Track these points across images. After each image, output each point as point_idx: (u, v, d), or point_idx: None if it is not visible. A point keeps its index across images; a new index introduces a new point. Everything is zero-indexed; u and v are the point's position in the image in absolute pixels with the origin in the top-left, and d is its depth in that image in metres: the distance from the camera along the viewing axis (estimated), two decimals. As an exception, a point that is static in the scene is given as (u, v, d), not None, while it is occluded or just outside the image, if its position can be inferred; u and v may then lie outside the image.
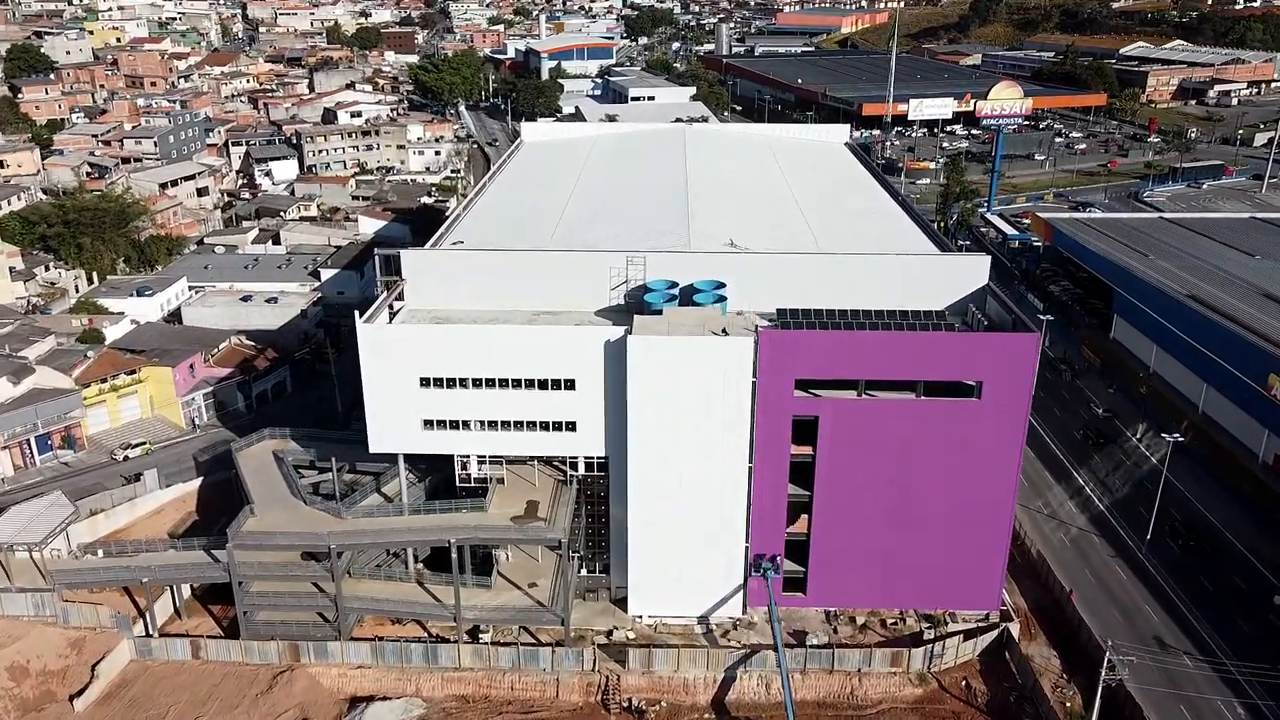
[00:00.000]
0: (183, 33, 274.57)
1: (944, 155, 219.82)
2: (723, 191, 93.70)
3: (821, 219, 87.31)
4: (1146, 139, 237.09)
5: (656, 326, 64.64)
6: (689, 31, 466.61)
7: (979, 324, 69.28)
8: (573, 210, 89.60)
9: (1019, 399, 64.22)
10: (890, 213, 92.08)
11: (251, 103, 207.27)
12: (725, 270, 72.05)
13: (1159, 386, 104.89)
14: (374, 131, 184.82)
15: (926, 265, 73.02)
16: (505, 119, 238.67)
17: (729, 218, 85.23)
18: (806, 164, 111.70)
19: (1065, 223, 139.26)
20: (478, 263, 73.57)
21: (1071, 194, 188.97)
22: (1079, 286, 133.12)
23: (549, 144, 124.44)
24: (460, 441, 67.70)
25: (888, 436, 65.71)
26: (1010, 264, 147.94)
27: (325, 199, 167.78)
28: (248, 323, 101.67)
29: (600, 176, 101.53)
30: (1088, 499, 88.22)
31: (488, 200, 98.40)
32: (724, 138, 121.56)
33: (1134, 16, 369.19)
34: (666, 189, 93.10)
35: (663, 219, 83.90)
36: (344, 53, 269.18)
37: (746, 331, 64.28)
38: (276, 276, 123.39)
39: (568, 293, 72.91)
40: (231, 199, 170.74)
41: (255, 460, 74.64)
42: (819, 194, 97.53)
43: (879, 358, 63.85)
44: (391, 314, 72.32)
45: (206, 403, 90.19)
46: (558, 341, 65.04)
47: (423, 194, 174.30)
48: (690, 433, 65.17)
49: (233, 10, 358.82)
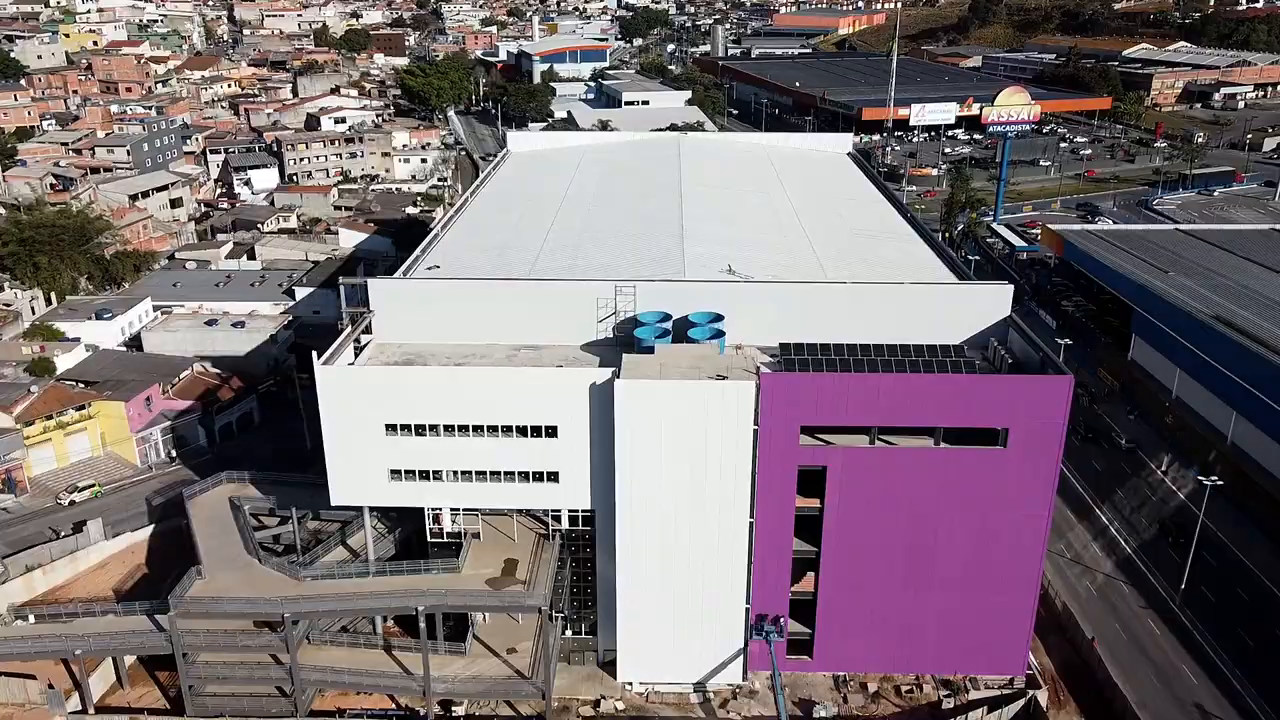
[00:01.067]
0: (163, 36, 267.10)
1: (946, 161, 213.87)
2: (720, 209, 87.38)
3: (827, 240, 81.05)
4: (1153, 144, 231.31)
5: (647, 368, 58.32)
6: (684, 33, 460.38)
7: (1001, 361, 63.15)
8: (559, 230, 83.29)
9: (1049, 447, 57.99)
10: (900, 232, 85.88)
11: (232, 108, 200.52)
12: (723, 301, 65.83)
13: (1182, 413, 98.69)
14: (358, 138, 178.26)
15: (943, 296, 66.81)
16: (496, 124, 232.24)
17: (727, 239, 78.94)
18: (809, 177, 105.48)
19: (1077, 235, 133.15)
20: (453, 293, 67.24)
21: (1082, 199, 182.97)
22: (1092, 302, 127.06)
23: (536, 155, 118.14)
24: (431, 493, 61.32)
25: (903, 487, 59.44)
26: (1020, 278, 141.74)
27: (306, 209, 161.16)
28: (213, 348, 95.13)
29: (589, 192, 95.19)
30: (1113, 540, 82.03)
31: (469, 218, 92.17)
32: (720, 147, 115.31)
33: (1136, 18, 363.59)
34: (659, 206, 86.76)
35: (655, 241, 77.60)
36: (330, 56, 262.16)
37: (747, 374, 57.95)
38: (249, 295, 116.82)
39: (552, 325, 66.71)
40: (209, 209, 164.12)
41: (209, 509, 68.15)
42: (823, 211, 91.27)
43: (894, 402, 57.57)
44: (358, 349, 66.03)
45: (164, 439, 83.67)
46: (538, 385, 58.66)
47: (408, 204, 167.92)
48: (685, 484, 58.86)
49: (218, 12, 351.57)
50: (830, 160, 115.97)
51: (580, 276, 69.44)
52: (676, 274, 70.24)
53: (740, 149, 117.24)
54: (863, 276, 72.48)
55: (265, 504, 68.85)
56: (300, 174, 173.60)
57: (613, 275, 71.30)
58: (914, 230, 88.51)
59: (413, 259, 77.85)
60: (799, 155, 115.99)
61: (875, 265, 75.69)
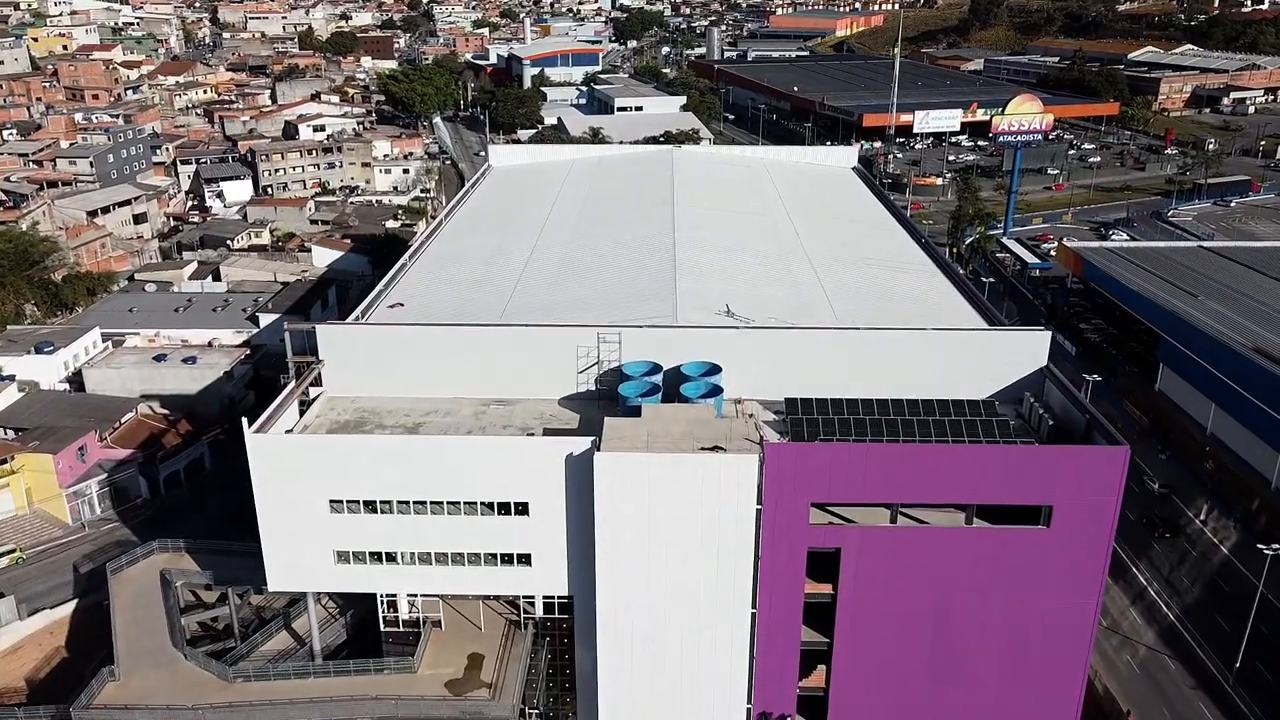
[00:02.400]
0: (138, 39, 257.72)
1: (951, 169, 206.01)
2: (716, 234, 79.26)
3: (835, 272, 73.01)
4: (1163, 150, 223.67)
5: (632, 436, 50.16)
6: (679, 35, 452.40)
7: (1039, 420, 55.14)
8: (539, 259, 75.18)
9: (1100, 528, 49.93)
10: (915, 261, 77.88)
11: (207, 116, 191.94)
12: (720, 348, 57.79)
13: (1219, 453, 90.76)
14: (336, 148, 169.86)
15: (972, 343, 58.73)
16: (484, 131, 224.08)
17: (724, 270, 70.84)
18: (812, 195, 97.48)
19: (1096, 254, 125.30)
20: (413, 340, 59.03)
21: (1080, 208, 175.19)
22: (1114, 325, 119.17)
23: (519, 170, 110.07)
24: (384, 578, 53.14)
25: (929, 571, 51.36)
26: (1034, 298, 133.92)
27: (280, 223, 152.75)
28: (161, 386, 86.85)
29: (573, 213, 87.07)
30: (1152, 605, 74.07)
31: (442, 243, 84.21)
32: (717, 163, 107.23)
33: (1140, 20, 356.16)
34: (650, 231, 78.63)
35: (644, 273, 69.48)
36: (312, 60, 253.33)
37: (748, 443, 49.82)
38: (211, 321, 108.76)
39: (526, 376, 58.63)
40: (178, 224, 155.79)
41: (135, 586, 59.92)
42: (829, 236, 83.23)
43: (920, 477, 49.47)
44: (305, 404, 57.88)
45: (100, 492, 75.39)
46: (506, 456, 50.48)
47: (388, 217, 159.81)
48: (676, 568, 50.73)
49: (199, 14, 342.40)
50: (834, 176, 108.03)
51: (559, 320, 61.25)
52: (668, 314, 62.18)
53: (737, 163, 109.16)
54: (878, 316, 64.41)
55: (202, 579, 60.61)
56: (275, 186, 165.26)
57: (597, 313, 63.46)
58: (929, 258, 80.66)
59: (376, 293, 69.81)
60: (801, 170, 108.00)
61: (891, 302, 67.68)
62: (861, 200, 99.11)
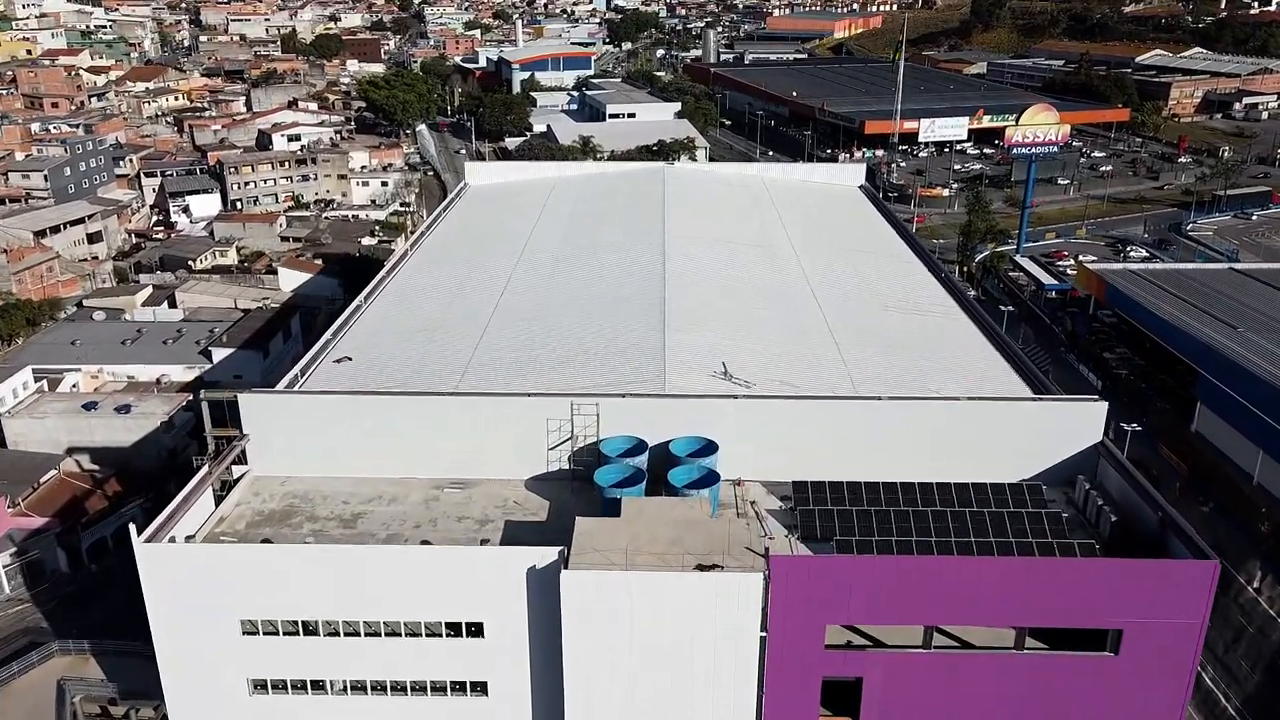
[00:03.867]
0: (108, 43, 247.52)
1: (957, 179, 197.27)
2: (712, 271, 70.28)
3: (846, 316, 64.10)
4: (1176, 159, 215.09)
5: (608, 542, 41.13)
6: (674, 36, 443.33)
7: (1096, 511, 46.28)
8: (510, 302, 66.19)
9: (1180, 657, 41.04)
10: (936, 301, 68.97)
11: (176, 124, 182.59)
12: (716, 420, 48.91)
13: (1267, 505, 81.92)
14: (310, 159, 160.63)
15: (1014, 416, 49.75)
16: (470, 139, 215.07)
17: (721, 317, 61.87)
18: (818, 221, 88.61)
19: (1120, 277, 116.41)
20: (353, 411, 50.02)
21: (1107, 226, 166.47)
22: (1140, 354, 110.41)
23: (498, 191, 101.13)
24: (311, 711, 44.06)
25: (970, 705, 42.46)
26: (1051, 322, 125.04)
27: (249, 241, 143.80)
28: (90, 438, 77.67)
29: (552, 243, 78.06)
30: (1208, 694, 65.22)
31: (408, 275, 75.50)
32: (712, 183, 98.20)
33: (1147, 22, 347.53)
34: (637, 268, 69.64)
35: (629, 321, 60.45)
36: (292, 64, 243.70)
37: (750, 554, 40.83)
38: (161, 355, 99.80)
39: (488, 453, 49.72)
40: (141, 241, 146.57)
41: (29, 700, 50.82)
42: (839, 271, 74.34)
43: (960, 595, 40.53)
44: (226, 487, 48.87)
45: (9, 568, 66.24)
46: (456, 568, 41.44)
47: (365, 233, 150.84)
48: (661, 704, 41.77)
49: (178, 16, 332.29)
50: (841, 197, 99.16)
51: (528, 382, 52.38)
52: (654, 376, 53.22)
53: (735, 183, 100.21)
54: (898, 374, 55.61)
55: (105, 691, 51.53)
56: (245, 200, 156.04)
57: (572, 373, 54.67)
58: (949, 294, 71.84)
59: (321, 344, 60.91)
60: (804, 191, 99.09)
61: (912, 355, 58.75)
62: (871, 225, 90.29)
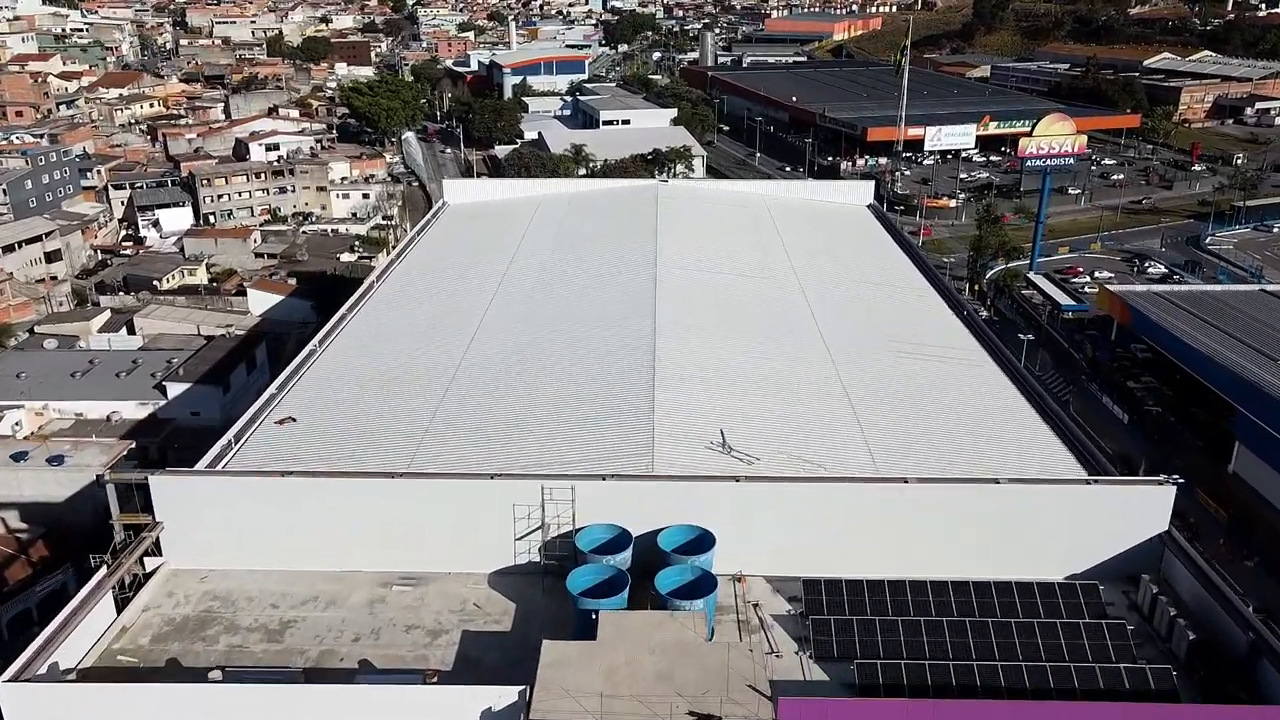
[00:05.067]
0: (83, 47, 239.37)
1: (964, 188, 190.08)
2: (709, 312, 62.78)
3: (861, 367, 56.63)
4: (1189, 166, 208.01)
5: (579, 678, 33.55)
6: (672, 38, 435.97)
7: (1166, 621, 38.84)
8: (481, 347, 58.68)
9: (1281, 818, 33.66)
10: (960, 346, 61.54)
11: (149, 133, 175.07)
12: (714, 505, 41.53)
13: (1319, 562, 74.65)
14: (288, 171, 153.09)
15: (1063, 500, 42.32)
16: (458, 147, 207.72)
17: (718, 372, 54.36)
18: (825, 249, 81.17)
19: (1145, 300, 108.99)
20: (285, 494, 42.52)
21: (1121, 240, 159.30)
22: (1168, 384, 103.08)
23: (478, 211, 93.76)
24: None
25: None
26: (1069, 346, 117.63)
27: (221, 258, 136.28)
28: (19, 493, 69.93)
29: (530, 276, 70.54)
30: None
31: (371, 312, 68.02)
32: (709, 205, 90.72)
33: (1154, 24, 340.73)
34: (624, 309, 62.15)
35: (614, 379, 52.96)
36: (274, 69, 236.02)
37: (755, 695, 33.34)
38: (113, 388, 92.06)
39: (444, 542, 42.28)
40: (108, 258, 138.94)
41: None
42: (851, 310, 66.93)
43: (1013, 744, 33.13)
44: (134, 585, 41.41)
45: (-84, 649, 58.57)
46: (395, 712, 33.91)
47: (344, 248, 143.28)
48: None
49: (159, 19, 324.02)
50: (848, 218, 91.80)
51: (492, 463, 44.90)
52: (641, 446, 45.74)
53: (734, 204, 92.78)
54: (924, 444, 48.15)
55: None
56: (219, 213, 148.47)
57: (544, 442, 47.22)
58: (973, 334, 64.51)
59: (263, 401, 53.43)
60: (809, 212, 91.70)
61: (939, 416, 51.28)
62: (882, 250, 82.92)
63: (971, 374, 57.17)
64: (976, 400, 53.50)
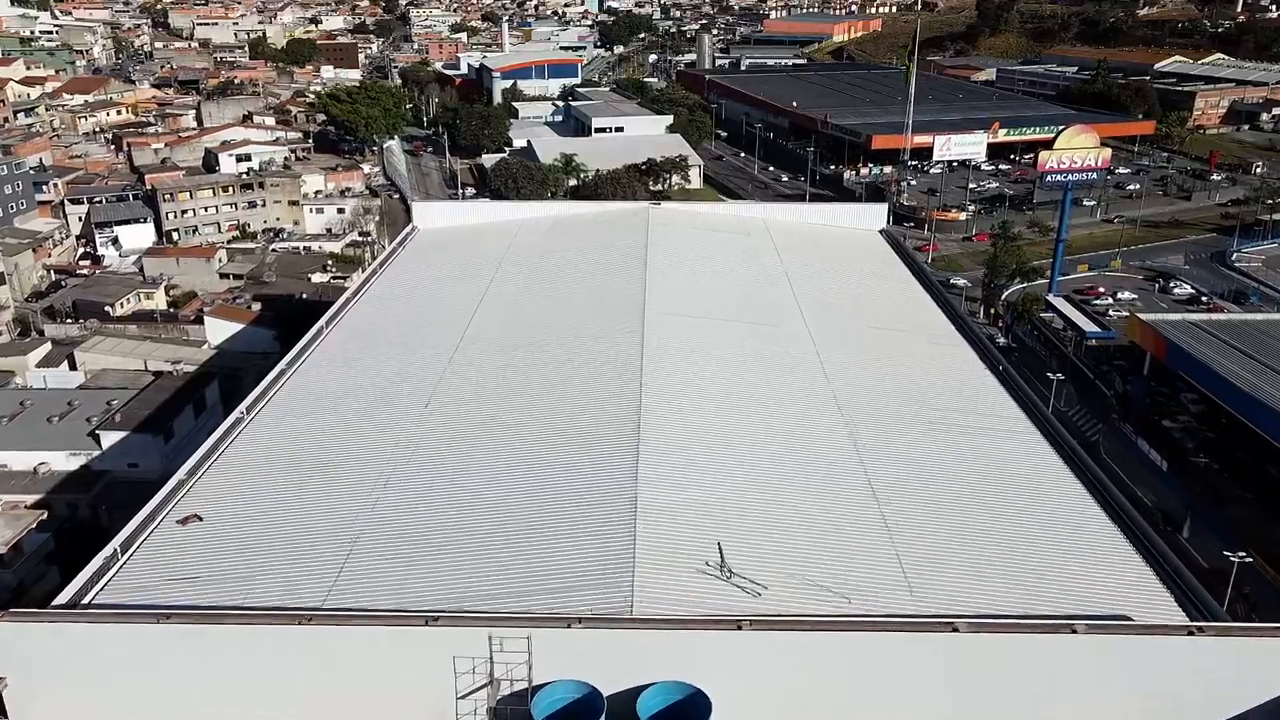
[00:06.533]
0: (50, 51, 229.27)
1: (974, 200, 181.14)
2: (705, 382, 53.48)
3: (887, 445, 47.46)
4: (1208, 176, 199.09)
5: None
6: (668, 39, 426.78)
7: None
8: (427, 438, 49.20)
9: None
10: (1005, 418, 52.35)
11: (114, 143, 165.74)
12: (708, 656, 32.51)
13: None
14: (257, 184, 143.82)
15: (1159, 653, 33.26)
16: (443, 155, 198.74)
17: (715, 462, 45.11)
18: (836, 287, 72.09)
19: (1181, 331, 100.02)
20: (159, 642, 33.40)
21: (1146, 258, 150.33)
22: (1208, 425, 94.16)
23: (449, 238, 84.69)
24: None
25: None
26: (1095, 377, 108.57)
27: (183, 279, 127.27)
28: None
29: (498, 334, 61.21)
30: None
31: (311, 374, 58.80)
32: (706, 235, 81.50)
33: (1164, 26, 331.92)
34: (604, 379, 52.87)
35: (587, 478, 43.57)
36: (252, 73, 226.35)
37: None
38: (42, 436, 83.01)
39: (366, 703, 33.22)
40: (62, 279, 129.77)
41: None
42: (869, 365, 57.78)
43: None
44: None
45: None
46: None
47: (316, 268, 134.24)
48: None
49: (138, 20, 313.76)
50: (860, 247, 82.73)
51: (428, 597, 35.74)
52: (618, 574, 36.48)
53: (734, 231, 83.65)
54: (973, 562, 39.03)
55: None
56: (183, 230, 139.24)
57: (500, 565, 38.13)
58: (1010, 394, 55.49)
59: (170, 488, 44.31)
60: (816, 241, 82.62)
61: (985, 514, 42.15)
62: (900, 288, 73.82)
63: (1016, 451, 48.02)
64: (1025, 488, 44.39)
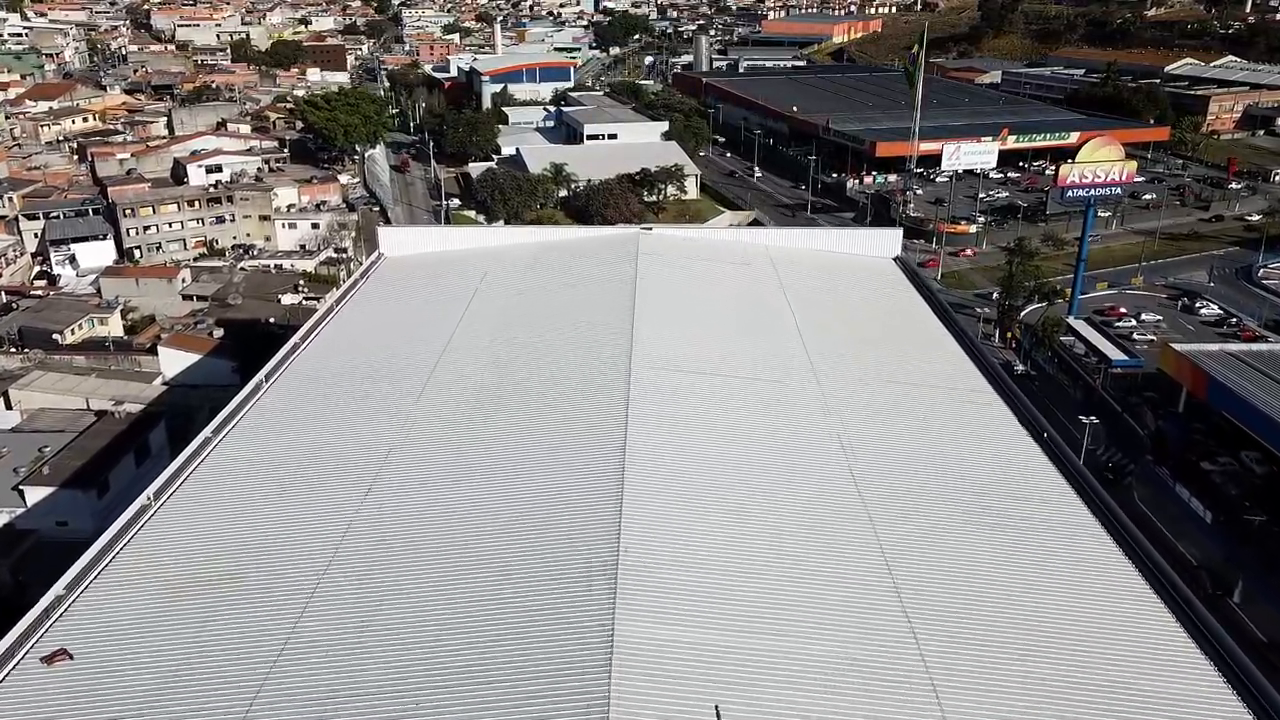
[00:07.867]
0: (17, 55, 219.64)
1: (983, 210, 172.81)
2: (698, 456, 45.13)
3: (922, 554, 39.10)
4: (1226, 184, 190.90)
5: None
6: (665, 40, 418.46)
7: None
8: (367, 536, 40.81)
9: None
10: (1052, 501, 44.05)
11: (77, 152, 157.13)
12: None
13: None
14: (225, 198, 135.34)
15: None
16: (429, 163, 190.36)
17: (709, 574, 36.73)
18: (846, 328, 63.70)
19: (1220, 363, 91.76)
20: None
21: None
22: (1251, 468, 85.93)
23: (417, 268, 76.35)
24: None
25: None
26: (1122, 410, 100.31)
27: (143, 300, 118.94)
28: None
29: (460, 394, 52.86)
30: None
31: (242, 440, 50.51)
32: (702, 266, 73.04)
33: (1172, 27, 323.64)
34: (581, 455, 44.51)
35: (556, 598, 35.19)
36: (232, 77, 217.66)
37: None
38: (-33, 488, 74.52)
39: None
40: (14, 301, 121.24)
41: None
42: (889, 428, 49.41)
43: None
44: None
45: None
46: None
47: (288, 288, 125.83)
48: None
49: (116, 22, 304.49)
50: (871, 278, 74.40)
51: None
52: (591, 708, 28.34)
53: (734, 259, 75.27)
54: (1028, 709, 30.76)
55: None
56: (146, 246, 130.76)
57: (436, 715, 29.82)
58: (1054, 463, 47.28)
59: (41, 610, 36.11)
60: (823, 272, 74.25)
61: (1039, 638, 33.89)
62: (917, 326, 65.52)
63: (1069, 549, 39.76)
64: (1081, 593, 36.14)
